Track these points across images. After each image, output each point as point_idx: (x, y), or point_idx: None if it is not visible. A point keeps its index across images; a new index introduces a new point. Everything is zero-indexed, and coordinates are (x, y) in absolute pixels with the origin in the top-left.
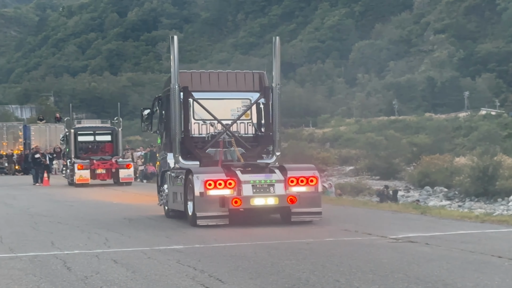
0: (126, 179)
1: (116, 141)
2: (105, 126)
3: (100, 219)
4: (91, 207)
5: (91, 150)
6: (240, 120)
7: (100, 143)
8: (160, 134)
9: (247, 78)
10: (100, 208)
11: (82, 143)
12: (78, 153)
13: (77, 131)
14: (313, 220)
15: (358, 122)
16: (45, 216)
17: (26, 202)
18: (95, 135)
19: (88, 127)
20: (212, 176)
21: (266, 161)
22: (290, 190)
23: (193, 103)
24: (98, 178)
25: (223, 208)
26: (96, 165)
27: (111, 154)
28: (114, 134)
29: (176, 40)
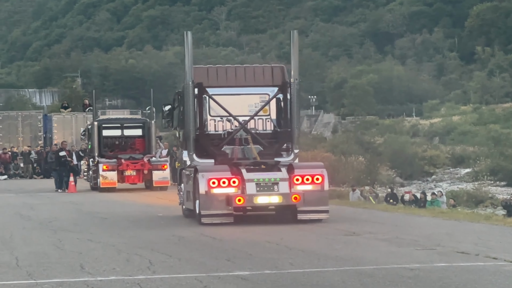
0: (160, 183)
1: (148, 136)
2: (135, 118)
3: (142, 235)
4: (130, 220)
5: (118, 147)
6: (258, 116)
7: (129, 139)
8: (179, 131)
9: (266, 72)
10: (141, 222)
11: (108, 138)
12: (102, 151)
13: (101, 124)
14: (321, 219)
15: (477, 110)
16: (71, 231)
17: (48, 214)
18: (122, 129)
19: (114, 119)
20: (216, 175)
21: (285, 159)
22: (295, 188)
23: (208, 99)
24: (127, 182)
25: (227, 206)
26: (124, 165)
27: (142, 152)
28: (146, 127)
29: (190, 36)
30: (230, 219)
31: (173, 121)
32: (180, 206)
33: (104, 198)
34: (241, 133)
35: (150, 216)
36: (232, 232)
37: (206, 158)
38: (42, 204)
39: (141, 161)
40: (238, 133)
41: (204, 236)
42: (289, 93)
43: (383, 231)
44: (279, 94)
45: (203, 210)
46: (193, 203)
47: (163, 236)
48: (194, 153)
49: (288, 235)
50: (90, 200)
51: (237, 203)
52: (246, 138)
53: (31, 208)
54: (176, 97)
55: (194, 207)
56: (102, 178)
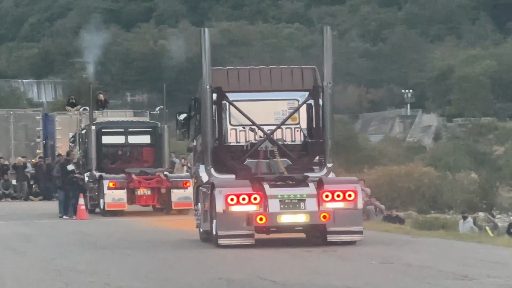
0: (181, 205)
1: (159, 145)
2: (142, 122)
3: (176, 278)
4: (160, 257)
5: (122, 159)
6: (285, 125)
7: (136, 148)
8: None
9: (295, 75)
10: (175, 258)
11: (109, 147)
12: (102, 163)
13: (101, 129)
14: (354, 241)
15: None
16: (81, 272)
17: (49, 248)
18: (127, 135)
19: (117, 123)
20: (235, 190)
21: (316, 174)
22: (324, 206)
23: (228, 106)
24: (138, 203)
25: (248, 226)
26: (136, 182)
27: (152, 165)
28: (157, 133)
29: (208, 33)
30: (251, 241)
31: (189, 131)
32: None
33: (124, 226)
34: (266, 145)
35: (186, 250)
36: (301, 273)
37: (226, 173)
38: (41, 235)
39: (157, 177)
40: (263, 145)
41: (262, 280)
42: (321, 99)
43: (506, 275)
44: (310, 100)
45: (221, 230)
46: (210, 224)
47: (207, 280)
48: (212, 167)
49: (373, 276)
50: (105, 229)
51: (259, 222)
52: (272, 150)
53: (27, 241)
54: (193, 104)
55: (211, 228)
56: (108, 199)
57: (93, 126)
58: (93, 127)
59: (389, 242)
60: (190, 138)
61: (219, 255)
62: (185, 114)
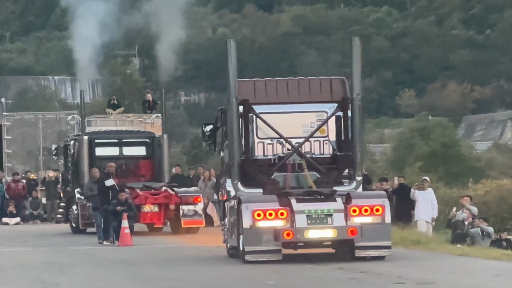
0: (191, 223)
1: (158, 157)
2: (138, 131)
3: None
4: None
5: (117, 173)
6: (314, 138)
7: (132, 160)
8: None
9: (324, 86)
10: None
11: (102, 159)
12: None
13: (93, 139)
14: (382, 256)
15: None
16: None
17: (86, 281)
18: (121, 146)
19: (111, 133)
20: (262, 206)
21: (346, 188)
22: (351, 221)
23: (255, 118)
24: (143, 221)
25: (275, 241)
26: (142, 198)
27: (150, 179)
28: (154, 144)
29: (234, 45)
30: (278, 257)
31: (216, 143)
32: (225, 244)
33: (173, 251)
34: (294, 158)
35: (251, 280)
36: None
37: (253, 187)
38: (77, 265)
39: (164, 192)
40: (291, 158)
41: None
42: (350, 110)
43: None
44: (339, 112)
45: (247, 246)
46: (237, 239)
47: None
48: (239, 181)
49: None
50: (152, 256)
51: (286, 238)
52: (300, 163)
53: (59, 272)
54: (219, 115)
55: (238, 243)
56: None
57: (85, 137)
58: (85, 137)
59: (499, 272)
60: (217, 150)
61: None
62: (211, 126)
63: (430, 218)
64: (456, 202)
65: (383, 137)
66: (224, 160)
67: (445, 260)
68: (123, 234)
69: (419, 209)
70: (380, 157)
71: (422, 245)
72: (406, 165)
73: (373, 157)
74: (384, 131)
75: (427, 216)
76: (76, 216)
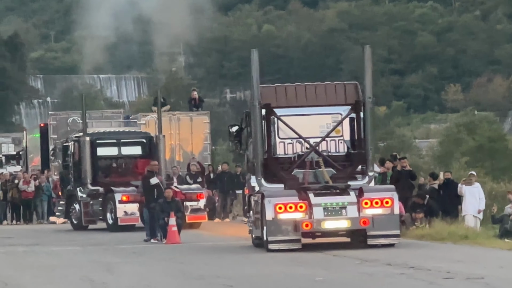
0: (195, 218)
1: (155, 156)
2: (136, 132)
3: None
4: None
5: (115, 171)
6: (330, 137)
7: (130, 160)
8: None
9: (338, 91)
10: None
11: (102, 159)
12: (99, 177)
13: (95, 140)
14: (392, 243)
15: None
16: None
17: (135, 280)
18: (120, 146)
19: (111, 134)
20: (283, 200)
21: (359, 183)
22: (364, 212)
23: (277, 120)
24: None
25: (295, 232)
26: None
27: None
28: (151, 144)
29: (256, 54)
30: (298, 245)
31: (241, 143)
32: (250, 235)
33: (221, 250)
34: (312, 156)
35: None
36: None
37: (275, 183)
38: (124, 264)
39: (170, 189)
40: (309, 156)
41: None
42: (362, 112)
43: None
44: (352, 114)
45: (270, 236)
46: (261, 230)
47: None
48: (262, 178)
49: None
50: (201, 254)
51: (305, 228)
52: (317, 161)
53: (107, 270)
54: (244, 117)
55: (262, 234)
56: (120, 213)
57: (87, 138)
58: (87, 138)
59: None
60: (242, 150)
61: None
62: (237, 127)
63: (477, 211)
64: (503, 196)
65: (429, 132)
66: (249, 158)
67: (493, 255)
68: (171, 231)
69: (467, 204)
70: (427, 152)
71: (470, 240)
72: (453, 160)
73: (419, 152)
74: (430, 126)
75: (475, 211)
76: (78, 213)
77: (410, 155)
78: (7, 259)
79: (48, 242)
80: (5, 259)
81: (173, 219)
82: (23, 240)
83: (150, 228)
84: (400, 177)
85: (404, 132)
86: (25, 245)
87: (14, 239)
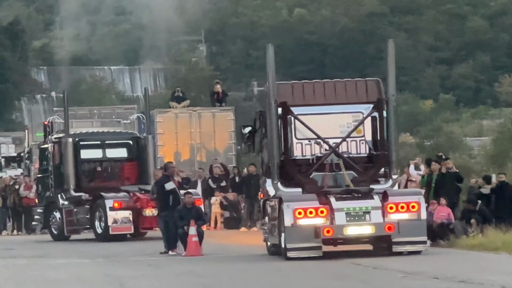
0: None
1: (143, 159)
2: (122, 132)
3: None
4: None
5: (100, 176)
6: (351, 138)
7: (116, 163)
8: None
9: (359, 88)
10: None
11: (85, 162)
12: (83, 182)
13: (78, 142)
14: (419, 251)
15: None
16: None
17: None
18: (104, 148)
19: (95, 134)
20: (302, 204)
21: (382, 186)
22: (388, 217)
23: (293, 120)
24: (142, 225)
25: (316, 238)
26: (144, 201)
27: (135, 182)
28: (138, 146)
29: (272, 49)
30: (319, 253)
31: (254, 145)
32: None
33: (244, 260)
34: (332, 158)
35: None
36: None
37: (292, 187)
38: (139, 278)
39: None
40: (329, 158)
41: None
42: (385, 111)
43: None
44: (374, 112)
45: (289, 243)
46: (279, 237)
47: None
48: (278, 181)
49: None
50: (223, 267)
51: (326, 235)
52: (337, 163)
53: (120, 285)
54: (258, 118)
55: (280, 241)
56: (111, 221)
57: (69, 139)
58: (69, 139)
59: None
60: (255, 152)
61: None
62: (250, 128)
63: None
64: None
65: (481, 129)
66: (264, 160)
67: None
68: (191, 242)
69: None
70: (478, 152)
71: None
72: (508, 160)
73: (470, 152)
74: (483, 122)
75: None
76: (59, 222)
77: (460, 154)
78: (8, 273)
79: (53, 253)
80: (5, 273)
81: (194, 228)
82: (25, 252)
83: (165, 239)
84: (445, 180)
85: (453, 129)
86: (28, 257)
87: (15, 250)
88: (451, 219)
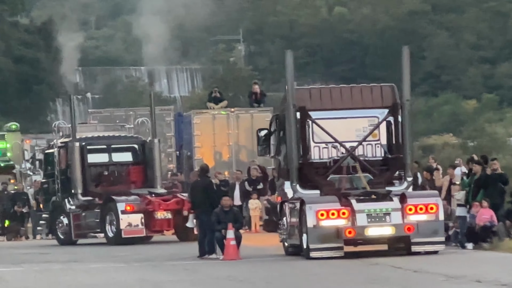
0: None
1: (149, 163)
2: (127, 137)
3: None
4: None
5: (107, 180)
6: (366, 142)
7: (122, 167)
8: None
9: (375, 93)
10: None
11: (92, 166)
12: (89, 186)
13: (85, 146)
14: (436, 251)
15: None
16: None
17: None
18: (110, 152)
19: (101, 138)
20: (325, 206)
21: (397, 188)
22: (408, 218)
23: (311, 124)
24: (154, 228)
25: (338, 239)
26: (155, 204)
27: (143, 186)
28: (144, 150)
29: (291, 55)
30: (340, 253)
31: (270, 147)
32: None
33: (282, 264)
34: (348, 161)
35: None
36: None
37: (310, 189)
38: (176, 283)
39: (175, 198)
40: (345, 161)
41: None
42: (400, 115)
43: None
44: (390, 117)
45: (312, 244)
46: (300, 238)
47: None
48: (297, 183)
49: None
50: (263, 270)
51: (347, 236)
52: (354, 166)
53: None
54: (274, 121)
55: (301, 241)
56: (123, 225)
57: (76, 143)
58: (76, 144)
59: None
60: (271, 154)
61: None
62: (266, 131)
63: None
64: None
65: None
66: (281, 163)
67: None
68: (229, 246)
69: None
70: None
71: None
72: None
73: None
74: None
75: None
76: (66, 227)
77: (504, 155)
78: (42, 278)
79: (86, 258)
80: (40, 278)
81: (231, 232)
82: (59, 257)
83: (204, 241)
84: (490, 181)
85: (497, 129)
86: (62, 262)
87: (49, 255)
88: (494, 222)
